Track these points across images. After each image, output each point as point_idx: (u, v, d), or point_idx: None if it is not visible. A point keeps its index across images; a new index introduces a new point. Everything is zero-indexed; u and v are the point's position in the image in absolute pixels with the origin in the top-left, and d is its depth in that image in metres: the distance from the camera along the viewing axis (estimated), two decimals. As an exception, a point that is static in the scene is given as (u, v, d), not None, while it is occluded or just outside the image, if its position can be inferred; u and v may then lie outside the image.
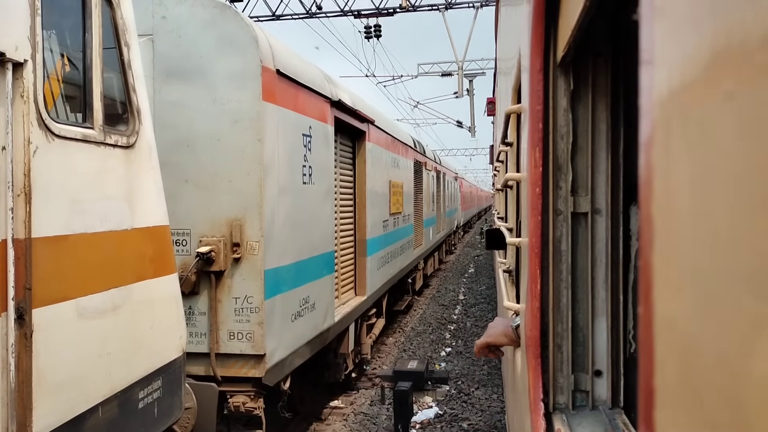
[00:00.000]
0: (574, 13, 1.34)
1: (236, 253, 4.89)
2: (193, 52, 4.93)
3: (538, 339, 1.71)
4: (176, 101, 4.95)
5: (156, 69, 4.97)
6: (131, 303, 3.19)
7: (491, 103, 15.30)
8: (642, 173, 0.68)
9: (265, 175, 4.93)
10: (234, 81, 4.89)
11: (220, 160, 4.90)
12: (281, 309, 5.24)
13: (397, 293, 13.98)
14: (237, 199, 4.90)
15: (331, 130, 6.67)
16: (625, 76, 1.71)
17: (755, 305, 0.43)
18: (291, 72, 5.45)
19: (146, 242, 3.40)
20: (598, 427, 1.62)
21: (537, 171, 1.70)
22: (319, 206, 6.27)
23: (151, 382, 3.46)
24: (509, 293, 4.18)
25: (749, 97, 0.44)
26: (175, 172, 4.94)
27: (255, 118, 4.87)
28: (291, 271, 5.47)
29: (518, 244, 2.52)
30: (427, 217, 16.33)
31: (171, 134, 4.95)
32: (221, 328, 4.93)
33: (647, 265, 0.66)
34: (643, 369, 0.68)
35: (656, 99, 0.63)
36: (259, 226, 4.89)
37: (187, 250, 4.95)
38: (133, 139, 3.25)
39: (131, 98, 3.27)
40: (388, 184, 10.33)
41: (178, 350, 3.83)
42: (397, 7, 15.21)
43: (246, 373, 4.96)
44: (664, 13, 0.62)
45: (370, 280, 8.88)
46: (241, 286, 4.91)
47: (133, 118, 3.28)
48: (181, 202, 4.94)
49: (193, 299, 4.95)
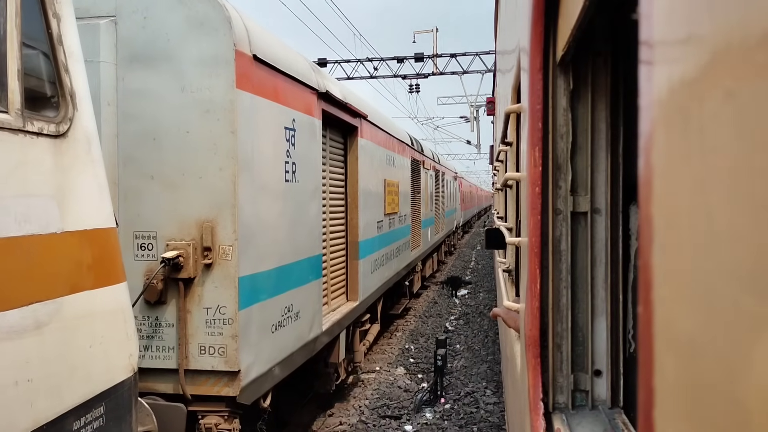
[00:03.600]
0: (574, 12, 1.34)
1: (207, 259, 4.39)
2: (159, 35, 4.44)
3: (537, 338, 1.72)
4: (141, 89, 4.46)
5: (119, 54, 4.48)
6: (62, 319, 2.70)
7: (491, 102, 15.04)
8: (642, 173, 0.68)
9: (240, 171, 4.44)
10: (205, 67, 4.39)
11: (190, 155, 4.40)
12: (259, 320, 4.74)
13: (393, 296, 13.48)
14: (208, 198, 4.40)
15: (318, 124, 6.17)
16: (625, 76, 1.73)
17: (754, 305, 0.44)
18: (271, 58, 4.95)
19: (83, 247, 2.90)
20: (598, 426, 1.63)
21: (536, 170, 1.70)
22: (304, 206, 5.76)
23: (90, 409, 2.96)
24: (509, 293, 4.20)
25: (749, 96, 0.44)
26: (140, 168, 4.45)
27: (228, 108, 4.37)
28: (271, 277, 4.97)
29: (518, 243, 2.52)
30: (425, 218, 15.82)
31: (135, 126, 4.46)
32: (191, 342, 4.43)
33: (647, 265, 0.67)
34: (642, 369, 0.68)
35: (656, 98, 0.63)
36: (232, 228, 4.40)
37: (153, 254, 4.45)
38: (65, 127, 2.76)
39: (63, 80, 2.78)
40: (383, 183, 9.82)
41: (126, 370, 3.33)
42: (431, 73, 23.80)
43: (218, 391, 4.47)
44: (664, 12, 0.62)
45: (363, 284, 8.38)
46: (212, 294, 4.42)
47: (65, 102, 2.79)
48: (146, 202, 4.45)
49: (160, 309, 4.46)
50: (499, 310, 2.81)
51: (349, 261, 8.06)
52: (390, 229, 10.51)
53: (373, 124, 8.97)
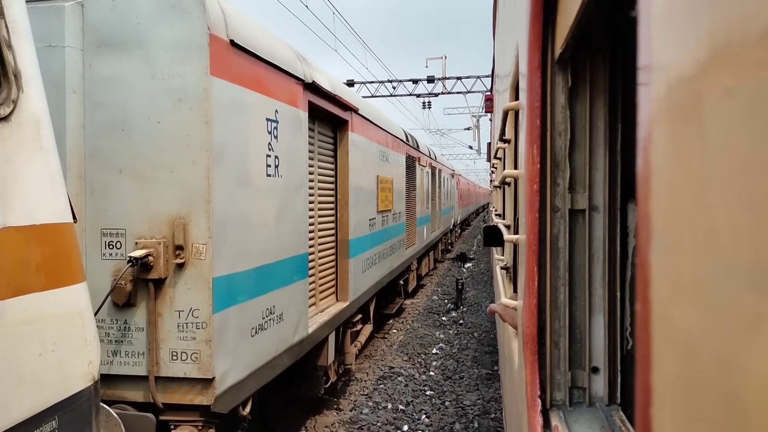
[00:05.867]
0: (573, 9, 1.35)
1: (179, 258, 4.10)
2: (129, 18, 4.13)
3: (535, 336, 1.72)
4: (109, 76, 4.15)
5: (86, 38, 4.17)
6: (4, 325, 2.41)
7: (489, 100, 14.83)
8: (640, 170, 0.69)
9: (215, 164, 4.14)
10: (177, 52, 4.09)
11: (161, 147, 4.10)
12: (236, 323, 4.44)
13: (388, 295, 13.19)
14: (180, 192, 4.10)
15: (304, 116, 5.87)
16: (624, 73, 1.73)
17: (752, 302, 0.44)
18: (250, 45, 4.65)
19: (30, 245, 2.61)
20: (595, 423, 1.63)
21: (535, 168, 1.70)
22: (288, 202, 5.46)
23: (40, 424, 2.67)
24: (507, 290, 4.16)
25: (748, 93, 0.45)
26: (108, 161, 4.15)
27: (201, 96, 4.07)
28: (250, 277, 4.67)
29: (516, 241, 2.53)
30: (421, 216, 15.51)
31: (103, 116, 4.16)
32: (162, 347, 4.14)
33: (644, 263, 0.67)
34: (640, 366, 0.68)
35: (654, 96, 0.63)
36: (206, 226, 4.10)
37: (122, 253, 4.15)
38: (7, 110, 2.46)
39: (4, 57, 2.48)
40: (376, 180, 9.52)
41: (85, 380, 3.03)
42: (440, 92, 28.55)
43: (192, 400, 4.17)
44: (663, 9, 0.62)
45: (354, 284, 8.08)
46: (185, 296, 4.12)
47: (6, 83, 2.49)
48: (114, 197, 4.15)
49: (129, 312, 4.16)
50: (496, 306, 2.77)
51: (339, 260, 7.76)
52: (383, 227, 10.21)
53: (365, 118, 8.66)
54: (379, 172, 9.73)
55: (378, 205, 9.67)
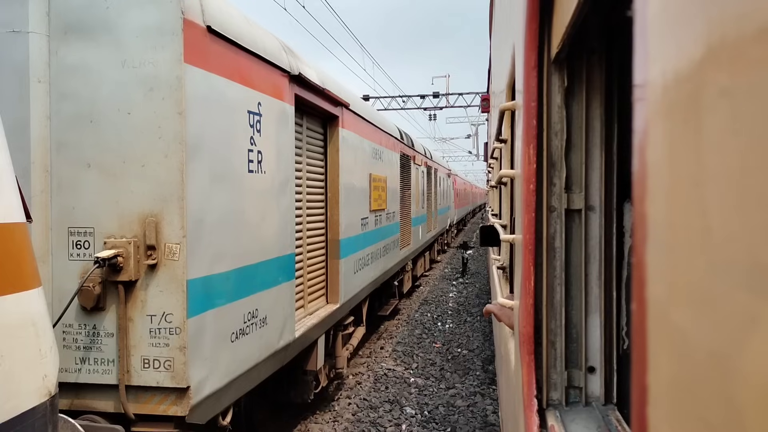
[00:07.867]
0: (569, 9, 1.35)
1: (151, 259, 3.82)
2: (97, 2, 3.86)
3: (531, 335, 1.73)
4: (77, 65, 3.88)
5: (51, 24, 3.90)
6: None
7: (485, 100, 14.61)
8: (636, 170, 0.69)
9: (190, 158, 3.86)
10: (148, 38, 3.81)
11: (131, 139, 3.83)
12: (214, 328, 4.17)
13: (382, 296, 12.92)
14: (152, 188, 3.82)
15: (290, 109, 5.59)
16: (620, 73, 1.74)
17: (748, 301, 0.44)
18: (230, 32, 4.37)
19: (-32, 247, 2.33)
20: (591, 423, 1.64)
21: (531, 168, 1.70)
22: (272, 200, 5.19)
23: None
24: (503, 289, 4.17)
25: (743, 92, 0.45)
26: (75, 155, 3.87)
27: (174, 85, 3.80)
28: (230, 279, 4.40)
29: (512, 241, 2.48)
30: (416, 215, 15.24)
31: (70, 106, 3.88)
32: (133, 354, 3.86)
33: (640, 262, 0.67)
34: (636, 365, 0.69)
35: (650, 96, 0.64)
36: (180, 224, 3.82)
37: (90, 253, 3.88)
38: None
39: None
40: (368, 178, 9.25)
41: (39, 395, 2.76)
42: (444, 106, 33.46)
43: (165, 410, 3.90)
44: (658, 9, 0.62)
45: (345, 285, 7.81)
46: (157, 300, 3.84)
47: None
48: (81, 193, 3.87)
49: (98, 317, 3.88)
50: (492, 306, 2.78)
51: (329, 260, 7.48)
52: (376, 226, 9.94)
53: (357, 114, 8.39)
54: (371, 170, 9.46)
55: (371, 205, 9.40)
